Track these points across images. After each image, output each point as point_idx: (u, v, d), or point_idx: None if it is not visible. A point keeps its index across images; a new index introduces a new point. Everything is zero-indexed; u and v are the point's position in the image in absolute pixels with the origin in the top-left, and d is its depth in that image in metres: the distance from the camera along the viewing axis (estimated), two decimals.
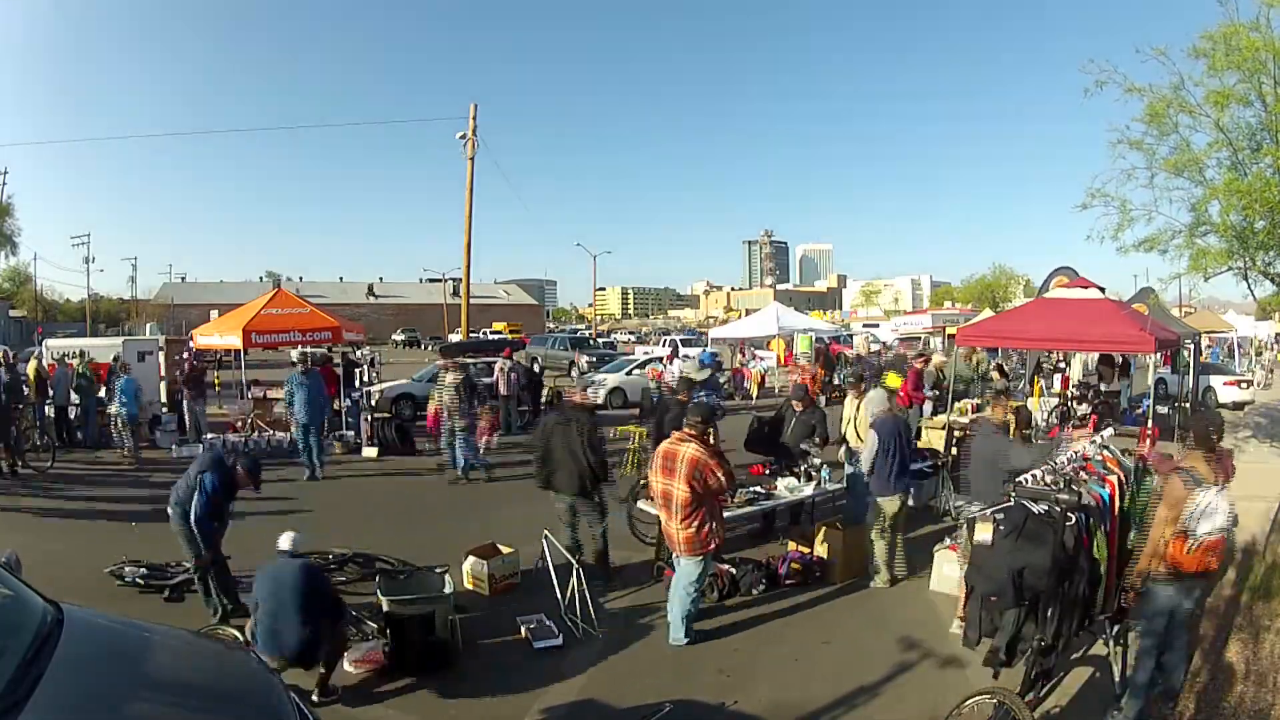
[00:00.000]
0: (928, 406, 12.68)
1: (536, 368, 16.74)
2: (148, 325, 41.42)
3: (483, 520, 7.89)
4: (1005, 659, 3.98)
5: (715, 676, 4.64)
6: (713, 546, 5.00)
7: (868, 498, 6.31)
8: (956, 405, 11.20)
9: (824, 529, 6.56)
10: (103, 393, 12.59)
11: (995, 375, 11.90)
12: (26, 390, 12.32)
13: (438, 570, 5.48)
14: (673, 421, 6.44)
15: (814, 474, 7.12)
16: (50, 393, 12.56)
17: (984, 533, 4.09)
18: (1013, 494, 4.12)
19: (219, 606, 5.24)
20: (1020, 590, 3.84)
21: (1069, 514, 3.90)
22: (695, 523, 4.91)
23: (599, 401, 5.95)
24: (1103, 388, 12.48)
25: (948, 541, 6.21)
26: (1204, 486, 3.71)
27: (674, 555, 5.17)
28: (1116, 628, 4.27)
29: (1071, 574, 3.89)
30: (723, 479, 4.94)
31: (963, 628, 4.49)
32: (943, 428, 10.25)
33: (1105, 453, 4.93)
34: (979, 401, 11.92)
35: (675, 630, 5.07)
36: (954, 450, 9.30)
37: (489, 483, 9.72)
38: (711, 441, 5.10)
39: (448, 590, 4.92)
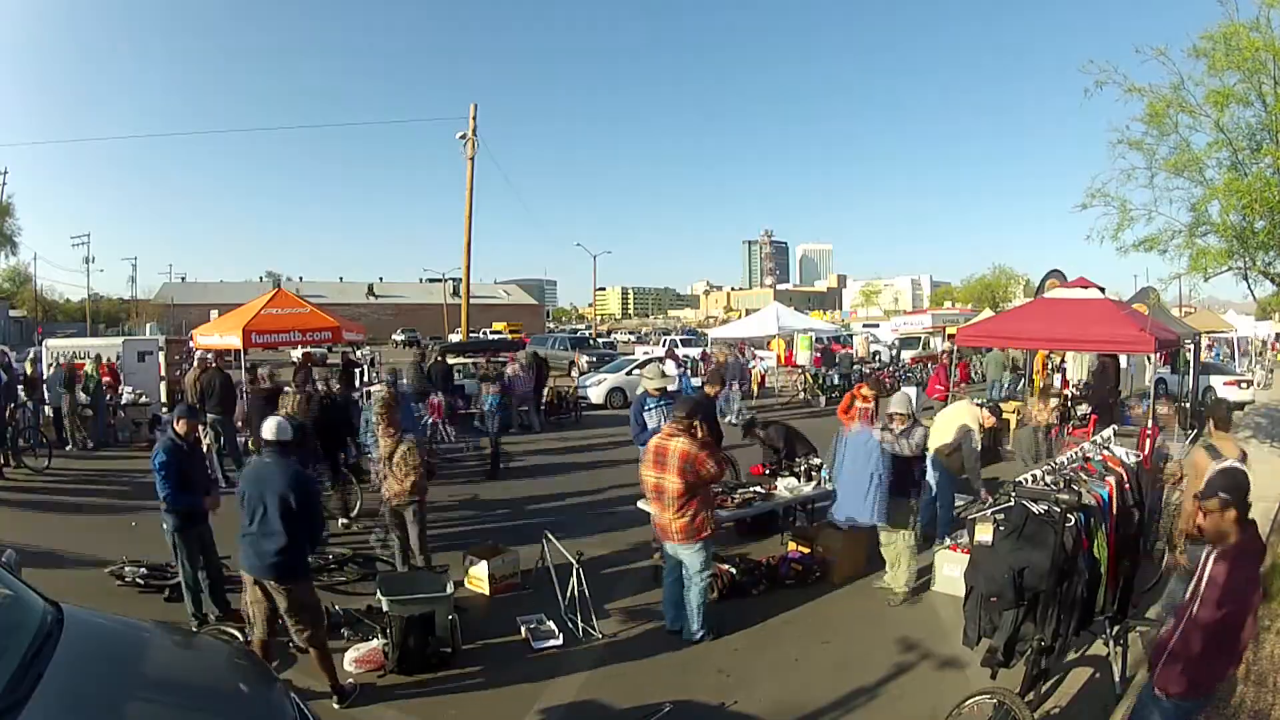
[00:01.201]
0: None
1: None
2: (148, 325, 41.48)
3: (483, 520, 7.90)
4: (1003, 659, 3.98)
5: (715, 676, 4.64)
6: (707, 533, 5.09)
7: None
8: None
9: (824, 529, 6.56)
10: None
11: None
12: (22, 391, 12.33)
13: (438, 570, 5.48)
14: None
15: (814, 474, 7.12)
16: (45, 393, 12.57)
17: (984, 533, 4.09)
18: (1013, 494, 4.11)
19: (205, 614, 5.20)
20: (1020, 591, 3.85)
21: (1069, 514, 3.89)
22: (689, 512, 5.00)
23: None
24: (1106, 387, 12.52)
25: (948, 541, 6.20)
26: (1223, 459, 4.10)
27: (670, 548, 5.16)
28: (1116, 628, 4.28)
29: (1071, 575, 3.89)
30: (713, 468, 5.02)
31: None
32: None
33: (1106, 452, 4.94)
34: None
35: (692, 623, 5.11)
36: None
37: (489, 482, 9.71)
38: (700, 434, 5.11)
39: (448, 590, 4.91)
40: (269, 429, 4.30)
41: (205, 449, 8.47)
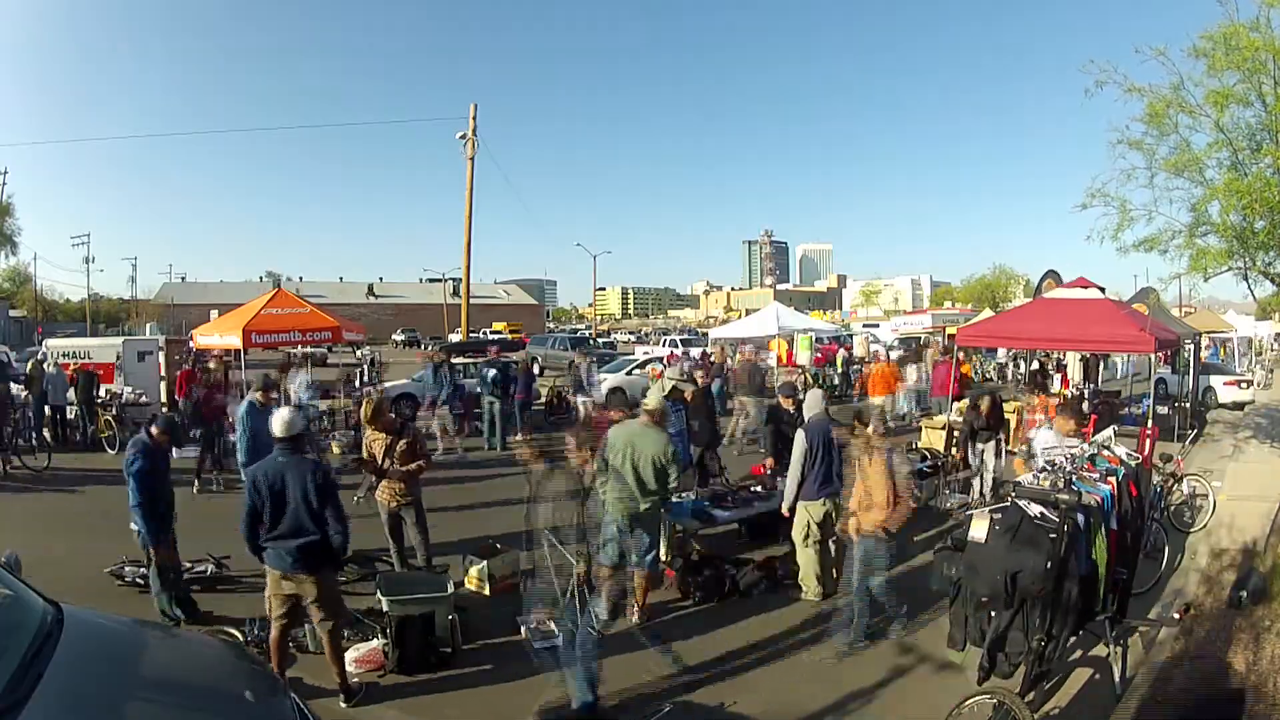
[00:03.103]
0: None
1: (537, 368, 16.77)
2: (148, 325, 41.45)
3: (483, 520, 7.89)
4: (988, 665, 3.95)
5: (715, 676, 4.64)
6: None
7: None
8: (955, 405, 11.21)
9: None
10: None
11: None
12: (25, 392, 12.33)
13: (438, 570, 5.47)
14: None
15: None
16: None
17: (979, 529, 4.05)
18: (1012, 494, 4.10)
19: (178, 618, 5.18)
20: (1012, 594, 3.81)
21: (1067, 516, 3.87)
22: None
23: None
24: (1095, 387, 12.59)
25: (949, 541, 6.19)
26: None
27: None
28: (1116, 628, 4.27)
29: (1065, 579, 3.84)
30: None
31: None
32: (942, 428, 10.27)
33: (1106, 453, 4.93)
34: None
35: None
36: (954, 451, 9.31)
37: (489, 481, 9.71)
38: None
39: (448, 590, 4.91)
40: (279, 425, 4.23)
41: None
